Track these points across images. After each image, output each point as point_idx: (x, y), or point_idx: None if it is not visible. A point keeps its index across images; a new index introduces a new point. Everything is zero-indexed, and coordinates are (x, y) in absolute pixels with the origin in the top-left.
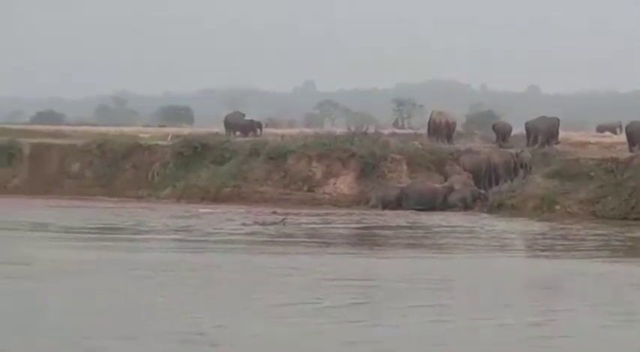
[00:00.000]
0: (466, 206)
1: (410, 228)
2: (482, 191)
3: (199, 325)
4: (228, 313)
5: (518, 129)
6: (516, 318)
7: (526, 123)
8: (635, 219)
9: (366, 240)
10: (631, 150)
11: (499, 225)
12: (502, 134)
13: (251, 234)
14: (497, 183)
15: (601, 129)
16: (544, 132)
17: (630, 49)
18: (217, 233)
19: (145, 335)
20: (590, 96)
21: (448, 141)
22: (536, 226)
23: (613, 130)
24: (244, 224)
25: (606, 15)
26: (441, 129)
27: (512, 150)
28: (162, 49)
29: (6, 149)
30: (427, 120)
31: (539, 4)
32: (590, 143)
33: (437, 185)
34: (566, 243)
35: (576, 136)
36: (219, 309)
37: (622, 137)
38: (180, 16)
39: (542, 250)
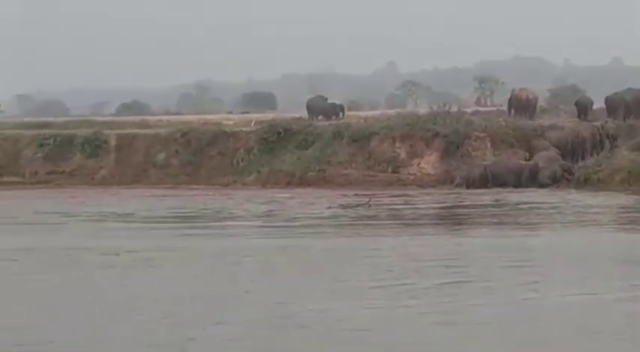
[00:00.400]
0: (555, 181)
1: (494, 206)
2: (570, 165)
3: (286, 308)
4: (316, 296)
5: (602, 103)
6: (609, 292)
7: (608, 97)
8: None
9: (451, 219)
10: None
11: (584, 199)
12: (584, 108)
13: (336, 217)
14: (584, 158)
15: None
16: (632, 105)
17: None
18: (303, 217)
19: (237, 321)
20: None
21: (530, 117)
22: (622, 199)
23: None
24: (329, 207)
25: None
26: (522, 105)
27: (597, 123)
28: (243, 35)
29: (92, 141)
30: (509, 97)
31: None
32: None
33: (522, 161)
34: None
35: None
36: (308, 292)
37: None
38: (260, 4)
39: (626, 224)
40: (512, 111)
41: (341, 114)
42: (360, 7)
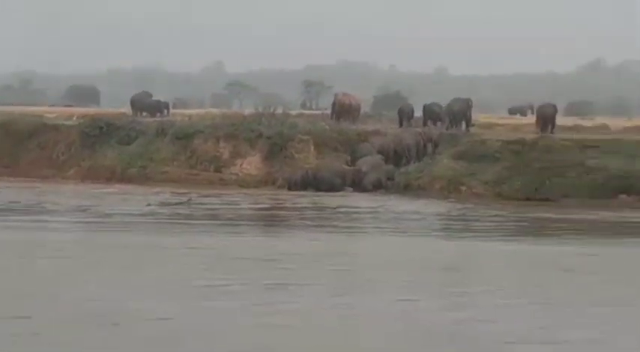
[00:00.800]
0: (377, 187)
1: (313, 209)
2: (393, 171)
3: (98, 306)
4: (129, 293)
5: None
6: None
7: (426, 105)
8: (540, 200)
9: (269, 220)
10: (541, 132)
11: (401, 206)
12: (405, 116)
13: (154, 214)
14: (407, 164)
15: (512, 111)
16: (457, 114)
17: (536, 34)
18: (120, 213)
19: (41, 315)
20: (499, 78)
21: (353, 122)
22: (439, 206)
23: (524, 112)
24: (149, 204)
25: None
26: (345, 110)
27: (419, 129)
28: (68, 27)
29: None
30: (332, 102)
31: None
32: (497, 125)
33: (345, 166)
34: (461, 223)
35: (483, 118)
36: (120, 289)
37: (533, 119)
38: None
39: (440, 230)
40: (335, 115)
41: (166, 111)
42: (190, 3)
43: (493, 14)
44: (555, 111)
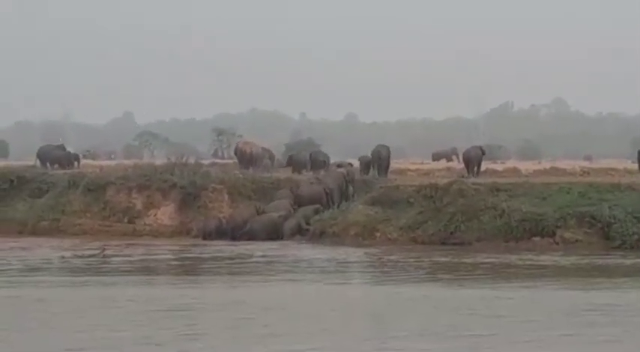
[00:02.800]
0: (294, 234)
1: (228, 258)
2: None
3: None
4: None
5: (337, 157)
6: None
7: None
8: (455, 244)
9: (181, 269)
10: (468, 175)
11: (318, 253)
12: (320, 164)
13: (67, 266)
14: (331, 207)
15: (437, 156)
16: (382, 160)
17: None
18: (34, 267)
19: None
20: (406, 124)
21: (254, 170)
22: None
23: (448, 157)
24: (62, 257)
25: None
26: (247, 159)
27: (342, 169)
28: None
29: None
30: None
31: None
32: (409, 170)
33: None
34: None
35: (395, 164)
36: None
37: (457, 164)
38: None
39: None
40: (240, 164)
41: (76, 163)
42: (98, 53)
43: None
44: (482, 153)
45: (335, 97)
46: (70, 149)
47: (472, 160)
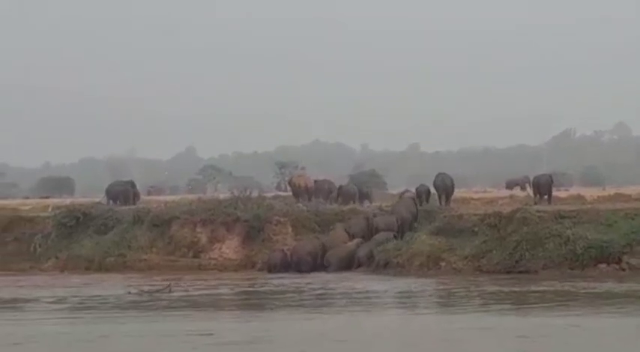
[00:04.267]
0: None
1: (294, 291)
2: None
3: None
4: None
5: (400, 187)
6: None
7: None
8: (520, 272)
9: (252, 303)
10: (535, 202)
11: (373, 285)
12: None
13: (136, 301)
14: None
15: (510, 184)
16: (443, 188)
17: (508, 106)
18: (102, 303)
19: None
20: (469, 153)
21: (309, 200)
22: (420, 284)
23: (522, 185)
24: (129, 292)
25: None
26: (300, 192)
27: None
28: (40, 119)
29: None
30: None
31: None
32: (472, 199)
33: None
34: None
35: (458, 193)
36: None
37: (530, 191)
38: (55, 85)
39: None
40: (295, 196)
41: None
42: (158, 88)
43: (461, 94)
44: (551, 180)
45: (396, 128)
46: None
47: (542, 187)
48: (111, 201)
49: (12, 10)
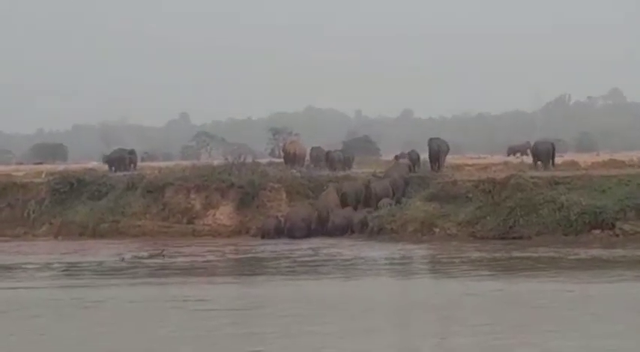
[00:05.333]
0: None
1: (287, 257)
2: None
3: None
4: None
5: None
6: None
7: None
8: (514, 238)
9: (246, 269)
10: (535, 167)
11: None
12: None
13: (132, 267)
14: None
15: (511, 150)
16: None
17: (503, 74)
18: (97, 268)
19: None
20: (462, 119)
21: (299, 169)
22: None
23: (523, 151)
24: (123, 258)
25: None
26: (290, 159)
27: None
28: (30, 86)
29: None
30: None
31: (400, 34)
32: (467, 165)
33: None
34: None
35: (452, 159)
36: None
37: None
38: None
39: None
40: (286, 163)
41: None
42: (150, 58)
43: (457, 53)
44: (552, 148)
45: (391, 94)
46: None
47: (542, 154)
48: (113, 168)
49: None
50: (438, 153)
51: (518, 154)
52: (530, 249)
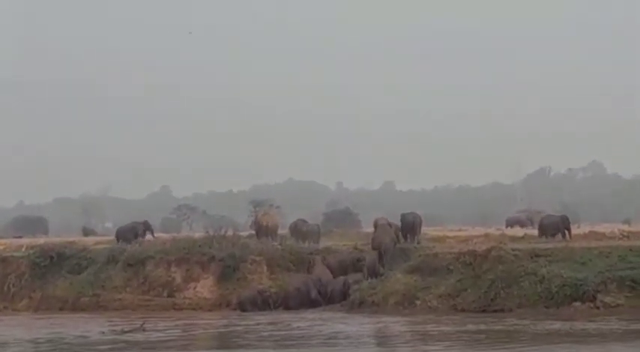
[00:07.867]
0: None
1: (271, 330)
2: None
3: None
4: None
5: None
6: None
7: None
8: (495, 311)
9: (225, 342)
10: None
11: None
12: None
13: (109, 341)
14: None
15: (510, 222)
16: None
17: (483, 146)
18: (76, 343)
19: None
20: (443, 191)
21: (272, 240)
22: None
23: (522, 224)
24: (103, 332)
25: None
26: (263, 231)
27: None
28: (12, 160)
29: None
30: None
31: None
32: (447, 237)
33: (300, 286)
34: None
35: (433, 231)
36: None
37: (532, 230)
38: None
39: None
40: (259, 235)
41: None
42: (130, 134)
43: (433, 131)
44: (565, 220)
45: (371, 166)
46: (109, 224)
47: (546, 226)
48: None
49: None
50: (412, 225)
51: (517, 227)
52: (513, 322)
